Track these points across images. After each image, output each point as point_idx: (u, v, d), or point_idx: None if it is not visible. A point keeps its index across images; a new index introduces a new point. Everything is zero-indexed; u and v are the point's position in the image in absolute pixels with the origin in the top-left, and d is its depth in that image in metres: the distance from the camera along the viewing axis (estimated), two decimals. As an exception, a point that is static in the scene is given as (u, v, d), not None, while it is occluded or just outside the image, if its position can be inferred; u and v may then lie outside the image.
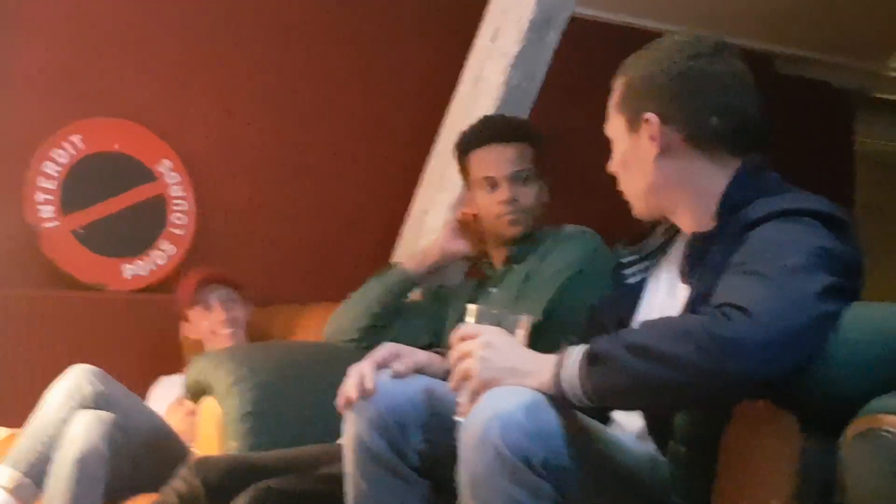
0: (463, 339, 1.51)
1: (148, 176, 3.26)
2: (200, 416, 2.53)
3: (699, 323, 1.33)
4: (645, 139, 1.62)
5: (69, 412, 2.40)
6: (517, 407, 1.39)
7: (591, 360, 1.39)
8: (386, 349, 1.70)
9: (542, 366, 1.45)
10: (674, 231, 1.71)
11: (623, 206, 1.72)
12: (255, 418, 2.41)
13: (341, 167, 3.56)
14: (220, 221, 3.36)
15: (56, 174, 3.15)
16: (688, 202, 1.61)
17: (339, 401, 1.64)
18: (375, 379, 1.62)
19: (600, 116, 1.73)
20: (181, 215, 3.29)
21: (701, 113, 1.60)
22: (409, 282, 2.64)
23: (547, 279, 2.36)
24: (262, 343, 2.98)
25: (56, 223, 3.14)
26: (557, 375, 1.42)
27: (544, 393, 1.42)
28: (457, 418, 1.49)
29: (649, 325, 1.43)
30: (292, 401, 2.47)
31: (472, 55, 3.13)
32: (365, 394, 1.62)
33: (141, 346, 3.16)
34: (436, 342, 2.54)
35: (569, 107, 3.60)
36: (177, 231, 3.28)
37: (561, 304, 2.30)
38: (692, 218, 1.61)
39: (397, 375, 1.65)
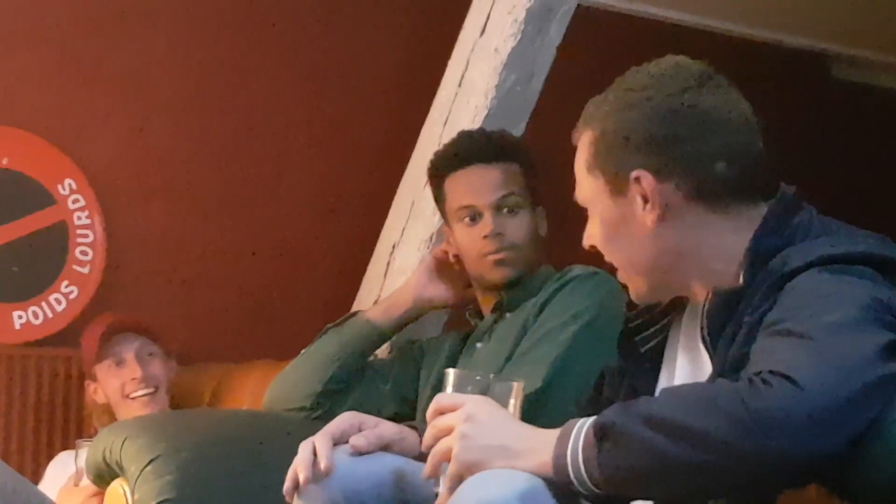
0: (440, 411, 1.50)
1: (46, 199, 3.25)
2: (106, 502, 2.50)
3: (732, 392, 1.33)
4: (636, 203, 1.60)
5: (-64, 498, 2.37)
6: (509, 496, 1.37)
7: (601, 435, 1.39)
8: (345, 419, 1.69)
9: (539, 443, 1.44)
10: None
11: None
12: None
13: (286, 190, 3.55)
14: (134, 257, 3.35)
15: (-72, 196, 3.14)
16: (702, 271, 1.61)
17: (287, 484, 1.63)
18: (332, 457, 1.61)
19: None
20: (86, 249, 3.27)
21: (703, 160, 1.59)
22: (374, 335, 2.64)
23: (548, 334, 2.35)
24: (185, 411, 2.96)
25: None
26: (561, 455, 1.41)
27: (543, 477, 1.41)
28: None
29: (671, 393, 1.43)
30: (223, 485, 2.45)
31: (456, 52, 3.14)
32: (318, 475, 1.61)
33: (33, 413, 3.14)
34: (406, 413, 2.53)
35: (575, 116, 3.62)
36: (80, 269, 3.26)
37: (567, 367, 2.29)
38: (710, 284, 1.61)
39: (357, 451, 1.64)
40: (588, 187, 1.65)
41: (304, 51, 3.58)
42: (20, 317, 3.18)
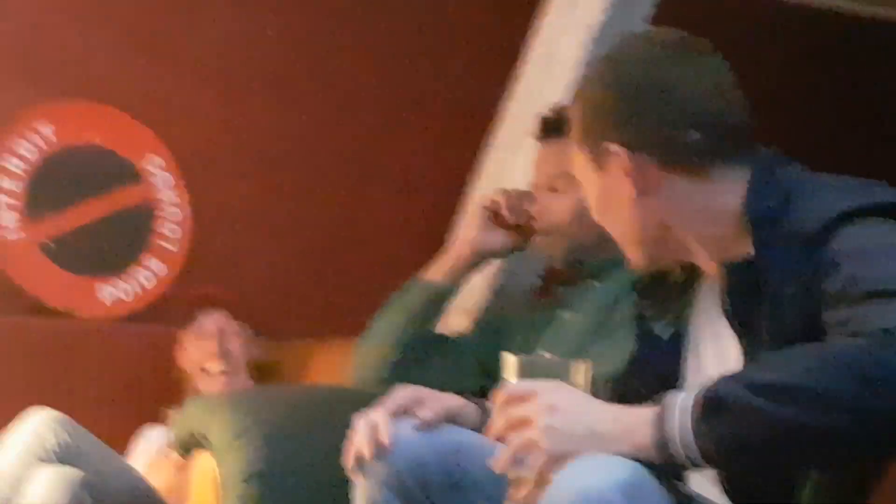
0: (511, 401, 1.45)
1: (133, 176, 3.28)
2: (193, 474, 2.52)
3: (857, 350, 1.31)
4: (617, 175, 1.63)
5: (27, 468, 2.40)
6: (612, 485, 1.32)
7: (711, 408, 1.34)
8: (403, 393, 1.68)
9: (632, 424, 1.40)
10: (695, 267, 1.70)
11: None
12: (264, 480, 2.39)
13: (371, 167, 3.56)
14: (220, 235, 3.38)
15: (20, 172, 3.18)
16: (698, 236, 1.62)
17: (347, 460, 1.63)
18: (392, 430, 1.61)
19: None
20: (173, 226, 3.30)
21: (673, 130, 1.61)
22: (439, 296, 2.61)
23: None
24: (270, 387, 2.97)
25: (19, 234, 3.17)
26: (665, 434, 1.36)
27: (640, 459, 1.37)
28: None
29: (776, 359, 1.40)
30: (309, 459, 2.45)
31: (544, 26, 3.12)
32: (380, 451, 1.60)
33: (120, 387, 3.17)
34: (491, 387, 2.51)
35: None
36: (167, 246, 3.29)
37: None
38: (711, 251, 1.62)
39: (426, 425, 1.63)
40: (577, 161, 1.69)
41: (388, 26, 3.57)
42: (109, 292, 3.22)
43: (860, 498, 1.44)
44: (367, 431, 1.62)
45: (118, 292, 3.23)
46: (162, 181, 3.31)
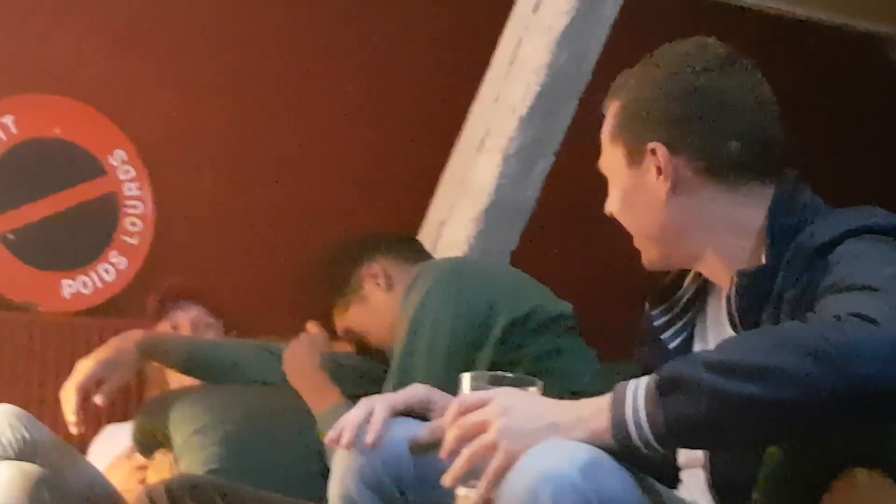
0: (464, 412, 1.46)
1: (96, 169, 3.27)
2: (152, 473, 2.52)
3: (808, 329, 1.34)
4: (651, 173, 1.68)
5: (-15, 464, 2.39)
6: (572, 465, 1.34)
7: (664, 388, 1.37)
8: (415, 393, 1.70)
9: (588, 412, 1.42)
10: (705, 278, 1.74)
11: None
12: (220, 478, 2.39)
13: (337, 164, 3.56)
14: (183, 229, 3.36)
15: (-21, 164, 3.16)
16: (716, 243, 1.67)
17: (331, 433, 1.64)
18: (382, 431, 1.62)
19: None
20: (136, 220, 3.29)
21: (717, 138, 1.67)
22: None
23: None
24: (232, 385, 2.97)
25: (-21, 226, 3.15)
26: (619, 417, 1.39)
27: (599, 446, 1.39)
28: None
29: (731, 341, 1.43)
30: (267, 457, 2.47)
31: (508, 29, 3.13)
32: (361, 445, 1.62)
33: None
34: None
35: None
36: (130, 240, 3.28)
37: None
38: (725, 260, 1.66)
39: (416, 450, 1.62)
40: (609, 156, 1.74)
41: (356, 23, 3.57)
42: (69, 286, 3.21)
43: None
44: (358, 419, 1.63)
45: (80, 286, 3.22)
46: (125, 174, 3.29)
